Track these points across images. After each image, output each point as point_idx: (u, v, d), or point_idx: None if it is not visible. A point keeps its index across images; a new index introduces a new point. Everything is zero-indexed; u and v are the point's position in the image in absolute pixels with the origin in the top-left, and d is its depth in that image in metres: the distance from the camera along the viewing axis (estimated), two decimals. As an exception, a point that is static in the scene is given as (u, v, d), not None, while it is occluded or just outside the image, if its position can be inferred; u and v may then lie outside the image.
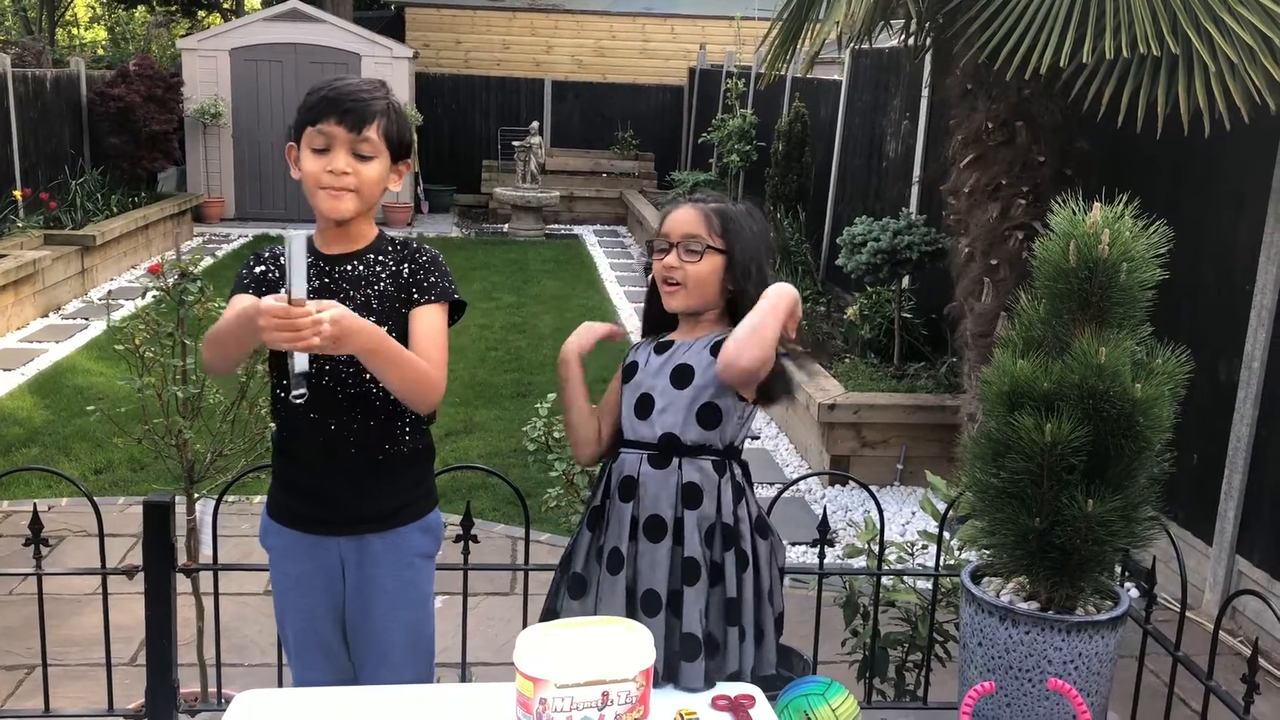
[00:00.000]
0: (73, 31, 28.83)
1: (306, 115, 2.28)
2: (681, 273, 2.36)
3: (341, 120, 2.24)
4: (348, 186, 2.26)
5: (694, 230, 2.37)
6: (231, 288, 2.37)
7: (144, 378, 3.08)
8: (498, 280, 10.98)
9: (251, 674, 3.81)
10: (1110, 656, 2.24)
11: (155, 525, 2.74)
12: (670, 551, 2.36)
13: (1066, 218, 2.19)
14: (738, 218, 2.41)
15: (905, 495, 5.89)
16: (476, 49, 17.43)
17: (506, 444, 6.28)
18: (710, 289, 2.38)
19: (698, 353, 2.39)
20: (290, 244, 1.97)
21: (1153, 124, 3.99)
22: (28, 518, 2.84)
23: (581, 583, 2.46)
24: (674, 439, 2.37)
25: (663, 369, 2.41)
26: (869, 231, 6.69)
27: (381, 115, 2.28)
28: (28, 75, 11.21)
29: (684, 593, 2.34)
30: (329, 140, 2.26)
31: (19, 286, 8.75)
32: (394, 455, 2.35)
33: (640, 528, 2.37)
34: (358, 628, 2.39)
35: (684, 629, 2.32)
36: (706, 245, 2.36)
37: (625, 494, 2.40)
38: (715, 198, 2.46)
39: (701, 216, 2.39)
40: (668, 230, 2.41)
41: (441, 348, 2.30)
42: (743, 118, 12.36)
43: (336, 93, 2.27)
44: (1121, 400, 2.10)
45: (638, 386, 2.43)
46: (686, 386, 2.38)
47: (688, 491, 2.37)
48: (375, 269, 2.33)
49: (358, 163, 2.27)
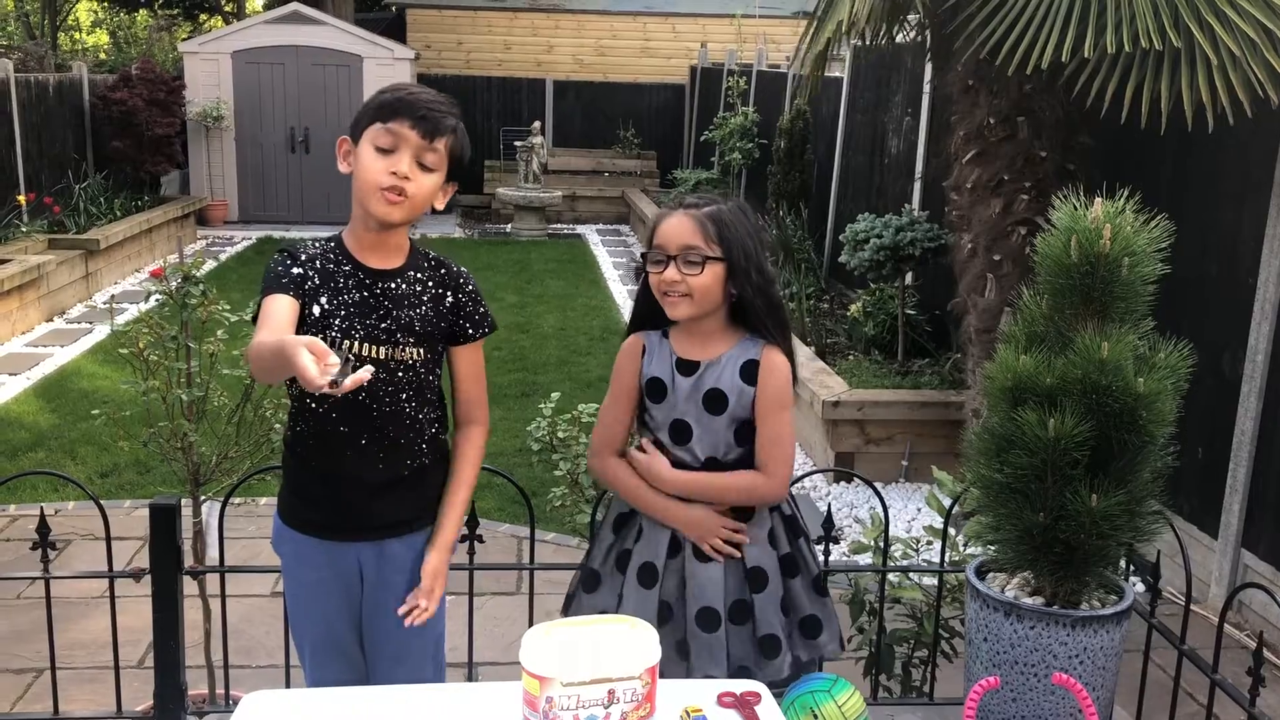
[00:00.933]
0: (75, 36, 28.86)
1: (378, 113, 2.23)
2: (684, 285, 2.34)
3: (416, 125, 2.21)
4: (407, 191, 2.21)
5: (691, 241, 2.34)
6: (265, 282, 2.26)
7: (149, 381, 3.08)
8: (501, 280, 10.98)
9: (259, 675, 3.81)
10: (1115, 651, 2.24)
11: (162, 528, 2.75)
12: (725, 568, 2.40)
13: (1068, 213, 2.19)
14: (731, 221, 2.37)
15: (910, 492, 5.89)
16: (478, 49, 17.44)
17: (511, 444, 6.28)
18: (714, 297, 2.37)
19: (728, 377, 2.39)
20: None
21: (1156, 119, 3.98)
22: (35, 521, 2.85)
23: (595, 578, 2.48)
24: (716, 462, 2.41)
25: (693, 394, 2.40)
26: (872, 228, 6.69)
27: (452, 132, 2.26)
28: (30, 80, 11.23)
29: (754, 601, 2.42)
30: (397, 141, 2.21)
31: (23, 291, 8.77)
32: (417, 468, 2.36)
33: (687, 549, 2.41)
34: (374, 629, 2.39)
35: (761, 633, 2.41)
36: (705, 256, 2.33)
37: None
38: (706, 200, 2.42)
39: (697, 225, 2.35)
40: (663, 242, 2.37)
41: (484, 386, 2.45)
42: (744, 115, 12.36)
43: (415, 97, 2.25)
44: (1124, 395, 2.11)
45: (670, 410, 2.42)
46: (722, 413, 2.39)
47: (737, 511, 2.42)
48: (417, 289, 2.32)
49: (419, 171, 2.23)
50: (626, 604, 2.42)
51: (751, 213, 2.48)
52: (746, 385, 2.38)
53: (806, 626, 2.47)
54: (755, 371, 2.39)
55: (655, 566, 2.42)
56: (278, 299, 2.21)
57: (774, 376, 2.39)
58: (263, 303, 2.22)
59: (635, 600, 2.42)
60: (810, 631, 2.47)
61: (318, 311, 2.25)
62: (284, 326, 2.16)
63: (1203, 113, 3.91)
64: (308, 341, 1.85)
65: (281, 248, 2.34)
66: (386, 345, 2.27)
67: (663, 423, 2.42)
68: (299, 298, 2.23)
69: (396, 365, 2.28)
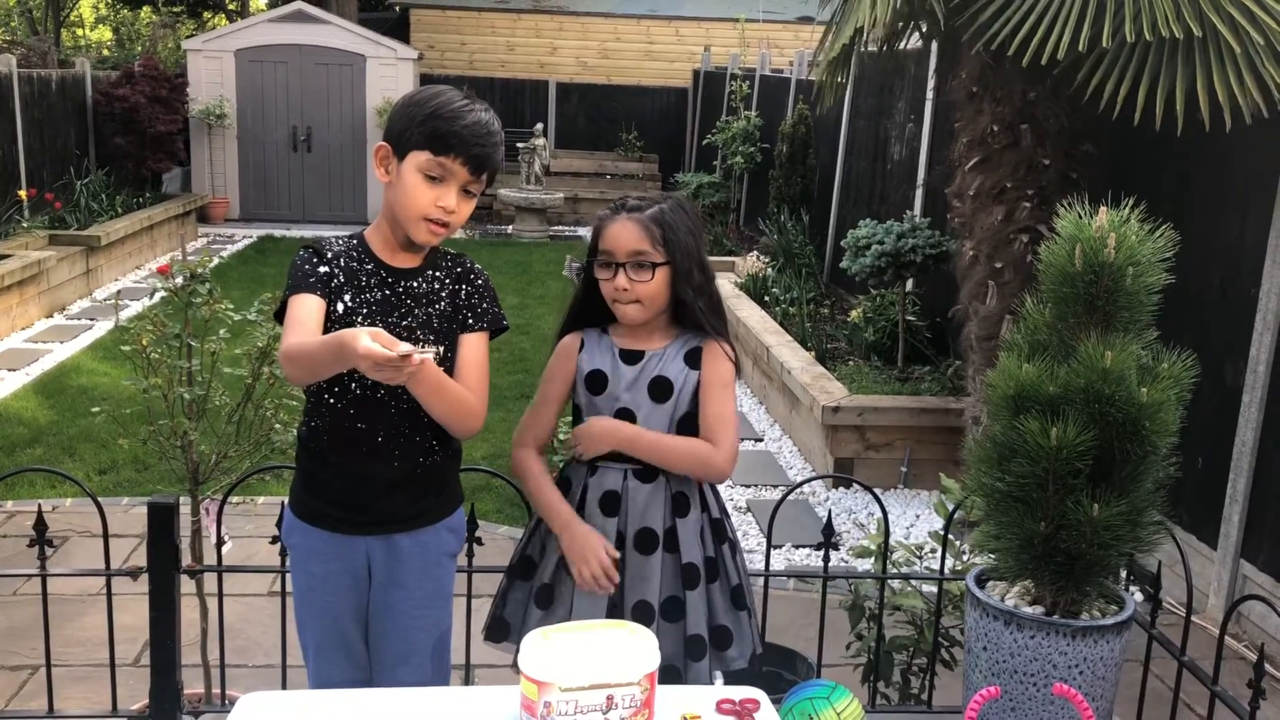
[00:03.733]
0: (78, 32, 28.87)
1: (430, 142, 2.22)
2: (633, 293, 2.35)
3: (469, 163, 2.23)
4: (451, 223, 2.26)
5: (638, 246, 2.35)
6: (292, 279, 2.27)
7: (150, 379, 3.08)
8: (501, 281, 10.97)
9: (255, 675, 3.81)
10: (1115, 661, 2.23)
11: (160, 526, 2.74)
12: (662, 561, 2.39)
13: (1072, 222, 2.19)
14: (674, 223, 2.38)
15: (909, 498, 5.88)
16: (481, 50, 17.45)
17: (510, 445, 6.28)
18: (663, 299, 2.39)
19: (673, 364, 2.41)
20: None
21: (1171, 121, 3.95)
22: (32, 518, 2.84)
23: (549, 593, 2.47)
24: None
25: (638, 382, 2.41)
26: (873, 234, 6.68)
27: (501, 161, 2.31)
28: (33, 76, 11.23)
29: (686, 597, 2.40)
30: (446, 175, 2.23)
31: (24, 287, 8.76)
32: (430, 465, 2.36)
33: (630, 542, 2.39)
34: (381, 626, 2.39)
35: (689, 631, 2.39)
36: (653, 262, 2.34)
37: (609, 509, 2.42)
38: (648, 202, 2.41)
39: (643, 230, 2.35)
40: (611, 248, 2.37)
41: (485, 376, 2.35)
42: (747, 119, 12.37)
43: (470, 133, 2.22)
44: (1127, 405, 2.10)
45: (613, 400, 2.42)
46: (667, 400, 2.40)
47: (678, 501, 2.42)
48: (435, 287, 2.34)
49: (463, 199, 2.27)
50: (578, 606, 2.41)
51: (691, 208, 2.49)
52: (691, 369, 2.40)
53: (716, 637, 2.44)
54: (699, 357, 2.41)
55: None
56: (306, 299, 2.23)
57: (717, 360, 2.42)
58: (290, 301, 2.24)
59: (585, 602, 2.41)
60: (720, 643, 2.44)
61: (341, 309, 2.27)
62: (316, 328, 2.19)
63: (1218, 111, 3.87)
64: (371, 331, 1.95)
65: (307, 244, 2.35)
66: (407, 343, 2.27)
67: (606, 413, 2.42)
68: (325, 296, 2.25)
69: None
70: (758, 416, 7.36)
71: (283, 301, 2.29)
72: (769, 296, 8.59)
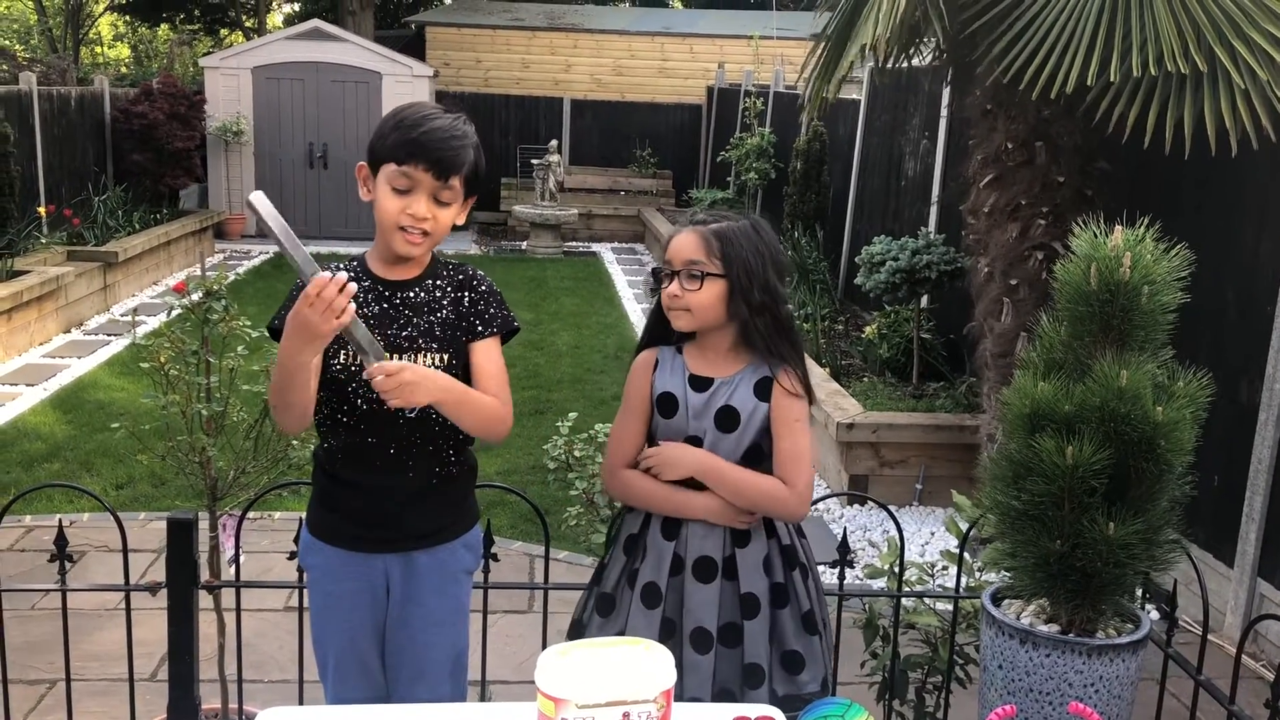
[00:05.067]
0: (97, 50, 29.09)
1: (392, 153, 2.23)
2: (683, 301, 2.37)
3: (431, 168, 2.22)
4: (426, 231, 2.25)
5: (694, 256, 2.37)
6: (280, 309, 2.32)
7: (168, 395, 3.10)
8: (516, 297, 11.01)
9: (272, 690, 3.82)
10: (1131, 680, 2.23)
11: (178, 542, 2.76)
12: (720, 590, 2.40)
13: (1088, 240, 2.19)
14: (735, 238, 2.38)
15: (924, 515, 5.87)
16: (496, 68, 17.53)
17: (524, 460, 6.29)
18: (715, 312, 2.38)
19: (741, 394, 2.40)
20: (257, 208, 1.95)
21: (1180, 145, 3.97)
22: (51, 533, 2.86)
23: (610, 602, 2.49)
24: None
25: (706, 410, 2.40)
26: (887, 250, 6.69)
27: (469, 163, 2.27)
28: (53, 93, 11.32)
29: (744, 627, 2.41)
30: (412, 184, 2.23)
31: (42, 302, 8.82)
32: (445, 476, 2.37)
33: (687, 568, 2.40)
34: (398, 643, 2.40)
35: (747, 660, 2.40)
36: (705, 272, 2.35)
37: (669, 532, 2.43)
38: (718, 217, 2.43)
39: (701, 241, 2.37)
40: (671, 256, 2.41)
41: (505, 381, 2.35)
42: (761, 136, 12.39)
43: (428, 138, 2.22)
44: (1143, 423, 2.10)
45: (682, 427, 2.42)
46: (733, 430, 2.40)
47: (737, 532, 2.41)
48: (436, 295, 2.34)
49: (437, 208, 2.26)
50: (634, 622, 2.42)
51: (768, 231, 2.47)
52: (760, 401, 2.39)
53: (788, 661, 2.44)
54: (769, 389, 2.40)
55: (658, 586, 2.42)
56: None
57: (788, 396, 2.40)
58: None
59: (640, 619, 2.42)
60: (792, 667, 2.44)
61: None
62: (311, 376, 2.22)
63: (1225, 137, 3.90)
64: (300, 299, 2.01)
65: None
66: (409, 353, 2.29)
67: (675, 438, 2.42)
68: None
69: None
70: (772, 433, 7.35)
71: (272, 324, 2.33)
72: (783, 313, 8.58)
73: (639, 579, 2.45)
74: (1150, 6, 4.07)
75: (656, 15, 20.25)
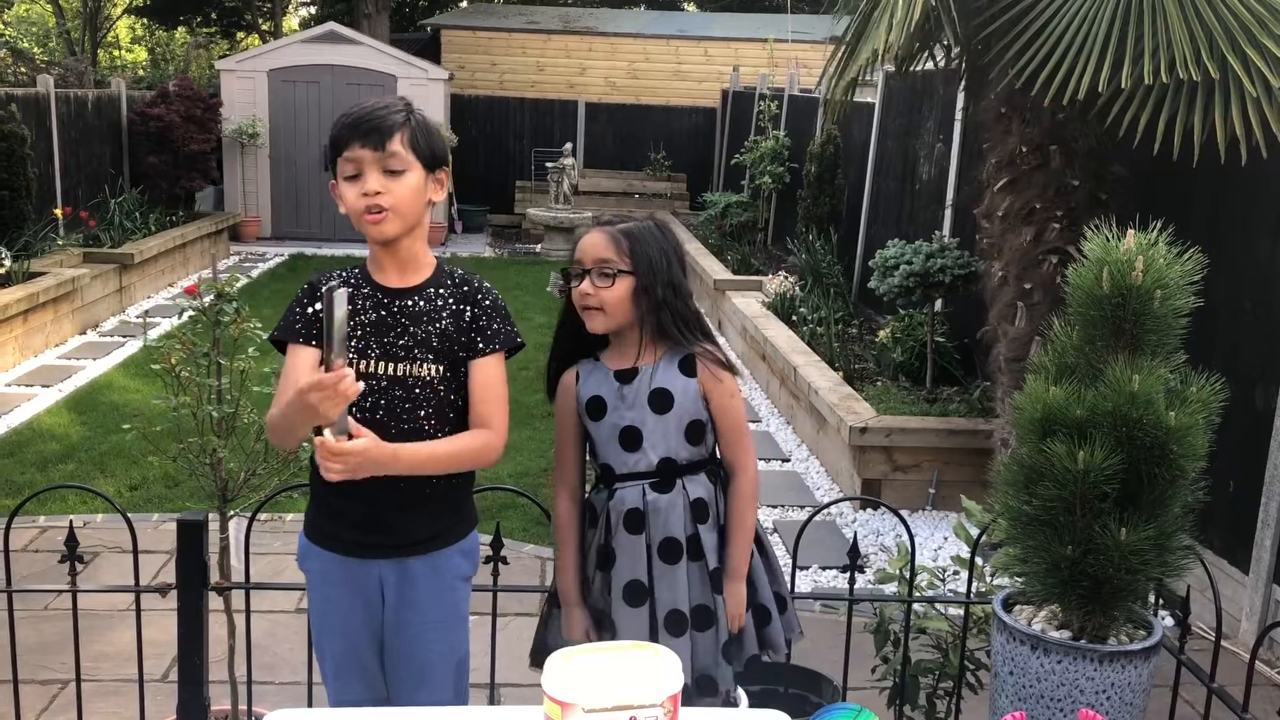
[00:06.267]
0: (115, 53, 29.24)
1: (333, 148, 2.29)
2: (597, 298, 2.42)
3: (365, 142, 2.24)
4: (384, 205, 2.24)
5: (604, 255, 2.43)
6: (282, 322, 2.34)
7: (180, 397, 3.11)
8: (529, 300, 11.02)
9: (282, 692, 3.82)
10: (1144, 687, 2.21)
11: (189, 544, 2.76)
12: (687, 569, 2.44)
13: (1100, 244, 2.18)
14: (643, 236, 2.46)
15: (937, 520, 5.85)
16: (511, 71, 17.56)
17: (536, 464, 6.29)
18: (627, 308, 2.44)
19: (668, 374, 2.46)
20: (332, 302, 1.94)
21: (1189, 151, 3.96)
22: (63, 533, 2.87)
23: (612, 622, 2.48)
24: (671, 462, 2.45)
25: (637, 398, 2.45)
26: (901, 254, 6.67)
27: (402, 127, 2.26)
28: (70, 96, 11.38)
29: (716, 603, 2.45)
30: (358, 165, 2.25)
31: (58, 304, 8.86)
32: (438, 485, 2.36)
33: (655, 552, 2.42)
34: (395, 649, 2.40)
35: (721, 638, 2.46)
36: (617, 269, 2.41)
37: (633, 526, 2.46)
38: (622, 218, 2.52)
39: (610, 240, 2.44)
40: (580, 257, 2.46)
41: (502, 401, 2.34)
42: (775, 139, 12.38)
43: (353, 117, 2.27)
44: (1155, 428, 2.09)
45: (616, 421, 2.46)
46: (669, 410, 2.44)
47: (697, 508, 2.47)
48: (436, 304, 2.34)
49: (389, 180, 2.25)
50: (621, 628, 2.45)
51: (669, 231, 2.57)
52: (688, 378, 2.45)
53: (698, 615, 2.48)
54: (693, 365, 2.46)
55: (641, 582, 2.45)
56: (294, 355, 2.30)
57: (717, 374, 2.47)
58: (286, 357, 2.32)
59: (627, 622, 2.44)
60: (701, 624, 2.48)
61: None
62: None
63: (1236, 145, 3.88)
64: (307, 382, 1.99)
65: (309, 279, 2.39)
66: (404, 362, 2.29)
67: (610, 436, 2.46)
68: (312, 337, 2.30)
69: (414, 382, 2.29)
70: (785, 436, 7.34)
71: (273, 337, 2.37)
72: (796, 316, 8.58)
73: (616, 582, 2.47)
74: (1163, 12, 4.06)
75: (671, 18, 20.26)
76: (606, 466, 2.49)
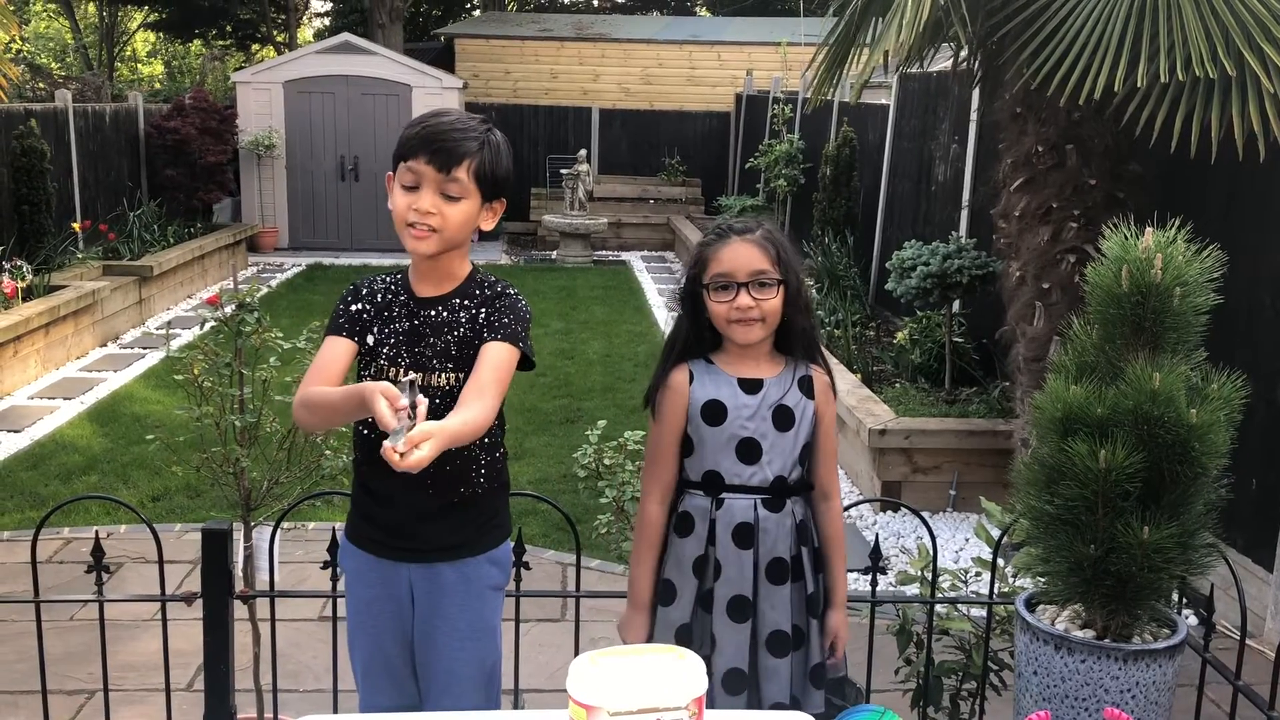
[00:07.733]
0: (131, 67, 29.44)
1: (401, 151, 2.26)
2: (758, 310, 2.38)
3: (431, 159, 2.21)
4: (432, 226, 2.23)
5: (760, 265, 2.39)
6: (328, 324, 2.37)
7: (202, 407, 3.13)
8: (546, 306, 11.04)
9: (306, 700, 3.84)
10: (1168, 685, 2.21)
11: (213, 553, 2.78)
12: (791, 590, 2.44)
13: (1119, 243, 2.18)
14: (783, 242, 2.45)
15: (958, 521, 5.84)
16: (525, 79, 17.59)
17: (556, 470, 6.30)
18: (777, 318, 2.43)
19: (792, 393, 2.44)
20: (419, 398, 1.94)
21: (1206, 149, 3.95)
22: (88, 544, 2.90)
23: (688, 633, 2.46)
24: (783, 480, 2.44)
25: (761, 410, 2.42)
26: (918, 255, 6.66)
27: (474, 155, 2.23)
28: (88, 110, 11.46)
29: (810, 625, 2.47)
30: (418, 179, 2.23)
31: (79, 317, 8.92)
32: (468, 495, 2.37)
33: (761, 571, 2.42)
34: (426, 658, 2.40)
35: (812, 661, 2.47)
36: (776, 279, 2.39)
37: (742, 541, 2.43)
38: (752, 224, 2.48)
39: (761, 249, 2.40)
40: (730, 270, 2.39)
41: (499, 379, 2.22)
42: (790, 143, 12.38)
43: (429, 130, 2.23)
44: (1176, 426, 2.08)
45: (736, 430, 2.42)
46: (790, 429, 2.43)
47: (801, 530, 2.46)
48: (458, 314, 2.33)
49: (444, 203, 2.23)
50: (722, 642, 2.43)
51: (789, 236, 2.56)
52: (807, 399, 2.45)
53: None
54: (810, 386, 2.46)
55: (746, 598, 2.44)
56: (334, 343, 2.31)
57: (830, 399, 2.49)
58: (325, 341, 2.33)
59: (729, 635, 2.43)
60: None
61: (371, 341, 2.33)
62: (334, 377, 2.25)
63: (1254, 142, 3.87)
64: (383, 388, 1.93)
65: (355, 281, 2.41)
66: (427, 371, 2.30)
67: (726, 444, 2.42)
68: (353, 335, 2.31)
69: (433, 391, 2.30)
70: (803, 440, 7.32)
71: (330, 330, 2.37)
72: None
73: (720, 594, 2.44)
74: (1178, 10, 4.05)
75: (684, 24, 20.26)
76: (713, 474, 2.44)
